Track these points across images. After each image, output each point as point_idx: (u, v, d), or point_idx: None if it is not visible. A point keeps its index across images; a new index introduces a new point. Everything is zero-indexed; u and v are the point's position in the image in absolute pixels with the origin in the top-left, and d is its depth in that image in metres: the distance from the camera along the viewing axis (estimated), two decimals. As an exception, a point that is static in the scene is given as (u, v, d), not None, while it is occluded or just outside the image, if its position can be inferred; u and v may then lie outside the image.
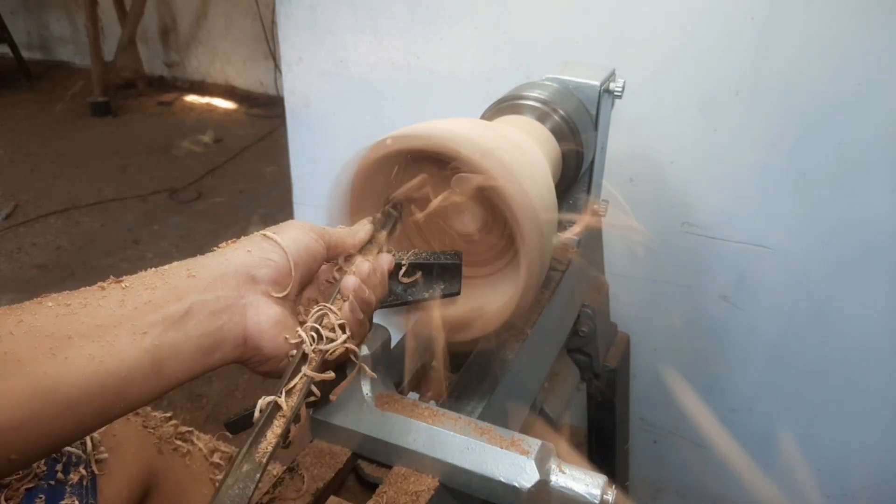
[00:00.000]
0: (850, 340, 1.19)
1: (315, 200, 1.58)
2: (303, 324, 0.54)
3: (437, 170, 0.65)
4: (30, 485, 0.73)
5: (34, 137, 3.74)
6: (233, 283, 0.49)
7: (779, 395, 1.30)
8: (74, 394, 0.40)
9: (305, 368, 0.51)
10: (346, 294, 0.54)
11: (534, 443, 0.56)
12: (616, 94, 0.90)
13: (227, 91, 4.43)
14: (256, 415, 0.48)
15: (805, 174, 1.11)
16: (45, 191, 3.16)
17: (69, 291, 0.45)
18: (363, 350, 0.59)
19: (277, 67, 4.09)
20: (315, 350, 0.51)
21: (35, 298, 0.43)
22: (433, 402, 0.65)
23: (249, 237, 0.54)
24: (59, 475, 0.76)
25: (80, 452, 0.79)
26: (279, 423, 0.48)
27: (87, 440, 0.81)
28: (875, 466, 1.28)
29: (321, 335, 0.52)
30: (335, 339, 0.53)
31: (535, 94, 0.81)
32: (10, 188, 3.17)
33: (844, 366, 1.22)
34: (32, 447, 0.39)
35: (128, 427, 0.91)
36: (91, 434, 0.73)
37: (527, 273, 0.61)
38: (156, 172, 3.35)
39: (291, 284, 0.53)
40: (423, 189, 0.67)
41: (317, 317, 0.53)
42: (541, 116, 0.80)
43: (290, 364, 0.51)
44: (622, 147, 1.17)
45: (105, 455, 0.82)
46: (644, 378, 1.40)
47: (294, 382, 0.50)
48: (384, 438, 0.58)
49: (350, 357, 0.55)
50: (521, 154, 0.63)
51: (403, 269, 0.61)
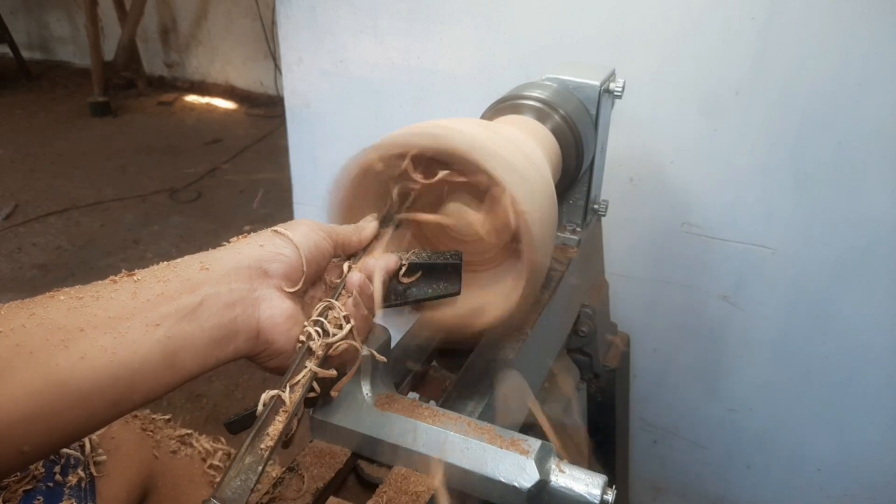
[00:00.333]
0: (850, 340, 1.19)
1: (315, 200, 1.58)
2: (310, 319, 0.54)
3: (437, 170, 0.65)
4: (28, 486, 0.73)
5: (34, 137, 3.74)
6: (245, 276, 0.49)
7: (779, 395, 1.30)
8: (87, 385, 0.40)
9: (310, 363, 0.51)
10: (351, 289, 0.55)
11: (534, 443, 0.56)
12: (616, 94, 0.90)
13: (227, 91, 4.43)
14: (259, 408, 0.49)
15: (805, 174, 1.11)
16: (45, 191, 3.16)
17: (81, 285, 0.44)
18: (364, 350, 0.59)
19: (277, 67, 4.09)
20: (320, 344, 0.52)
21: (47, 293, 0.43)
22: (433, 402, 0.65)
23: (260, 233, 0.54)
24: (58, 477, 0.76)
25: (79, 454, 0.79)
26: (282, 418, 0.49)
27: (86, 442, 0.81)
28: (875, 466, 1.28)
29: (326, 330, 0.53)
30: (339, 333, 0.53)
31: (536, 94, 0.81)
32: (10, 188, 3.17)
33: (844, 366, 1.22)
34: (44, 439, 0.39)
35: (126, 429, 0.91)
36: (97, 431, 0.73)
37: (527, 273, 0.61)
38: (156, 172, 3.35)
39: (303, 279, 0.53)
40: (429, 189, 0.67)
41: (321, 310, 0.54)
42: (541, 116, 0.80)
43: (295, 358, 0.51)
44: (622, 147, 1.17)
45: (103, 457, 0.82)
46: (644, 378, 1.40)
47: (299, 378, 0.51)
48: (384, 438, 0.58)
49: (353, 357, 0.55)
50: (521, 153, 0.63)
51: (403, 269, 0.61)
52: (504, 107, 0.82)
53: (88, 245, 2.74)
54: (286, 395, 0.49)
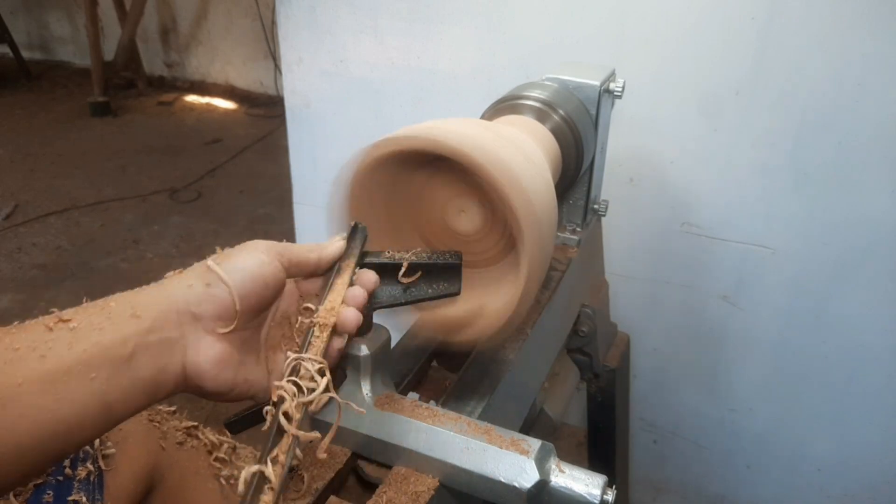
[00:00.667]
0: (850, 340, 1.19)
1: (315, 200, 1.58)
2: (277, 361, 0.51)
3: (438, 169, 0.65)
4: (38, 480, 0.74)
5: (34, 137, 3.74)
6: (174, 322, 0.48)
7: (779, 395, 1.30)
8: (25, 442, 0.41)
9: (290, 427, 0.47)
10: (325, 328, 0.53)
11: (534, 443, 0.56)
12: (616, 94, 0.90)
13: (227, 91, 4.43)
14: (241, 489, 0.44)
15: (805, 174, 1.11)
16: (45, 191, 3.16)
17: (16, 327, 0.44)
18: (363, 350, 0.59)
19: (277, 67, 4.09)
20: (296, 406, 0.48)
21: None
22: (433, 402, 0.65)
23: (194, 267, 0.51)
24: (67, 470, 0.76)
25: (88, 448, 0.79)
26: (269, 497, 0.44)
27: None
28: (875, 466, 1.28)
29: (300, 387, 0.49)
30: (315, 388, 0.49)
31: (535, 94, 0.81)
32: (10, 188, 3.17)
33: (844, 366, 1.22)
34: None
35: (134, 421, 0.91)
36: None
37: (527, 273, 0.61)
38: (156, 172, 3.35)
39: (237, 319, 0.50)
40: (429, 188, 0.67)
41: (291, 369, 0.50)
42: (541, 116, 0.80)
43: (271, 429, 0.47)
44: (622, 147, 1.17)
45: (112, 450, 0.82)
46: (644, 378, 1.40)
47: (278, 450, 0.46)
48: (384, 438, 0.58)
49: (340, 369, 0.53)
50: (521, 154, 0.63)
51: (403, 269, 0.61)
52: (504, 107, 0.82)
53: (88, 245, 2.74)
54: (269, 471, 0.45)
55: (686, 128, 1.16)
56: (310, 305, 0.56)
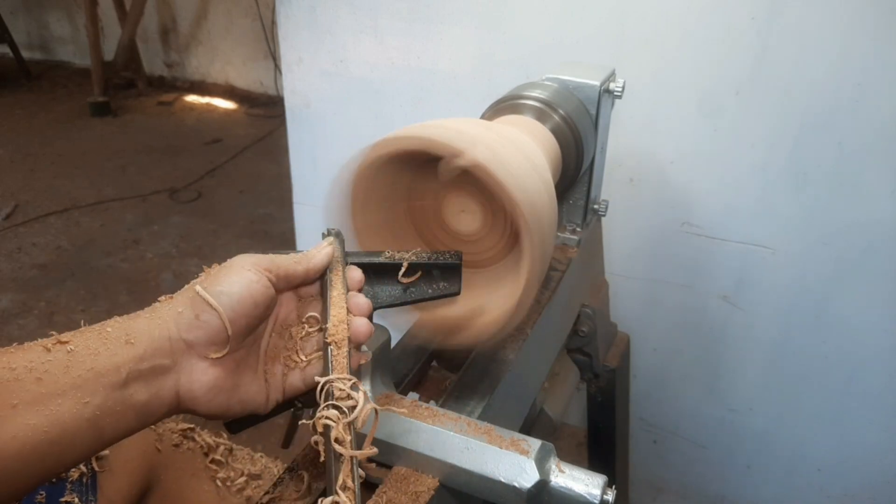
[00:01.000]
0: (850, 341, 1.19)
1: (315, 200, 1.58)
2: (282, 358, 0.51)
3: (437, 169, 0.65)
4: None
5: (34, 137, 3.74)
6: (167, 350, 0.48)
7: (779, 395, 1.30)
8: (15, 464, 0.41)
9: (347, 449, 0.47)
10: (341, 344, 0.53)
11: (534, 443, 0.56)
12: (616, 94, 0.90)
13: (227, 91, 4.43)
14: None
15: (805, 174, 1.11)
16: (45, 191, 3.16)
17: (15, 348, 0.44)
18: (363, 349, 0.59)
19: (277, 67, 4.09)
20: (343, 429, 0.48)
21: None
22: (433, 402, 0.65)
23: (184, 291, 0.51)
24: None
25: None
26: None
27: None
28: (875, 466, 1.28)
29: (341, 409, 0.49)
30: (356, 404, 0.49)
31: (535, 94, 0.81)
32: (10, 188, 3.17)
33: (844, 366, 1.22)
34: None
35: None
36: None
37: (528, 273, 0.61)
38: (156, 172, 3.35)
39: (230, 343, 0.50)
40: (427, 186, 0.67)
41: (325, 391, 0.50)
42: (541, 116, 0.80)
43: (328, 459, 0.47)
44: (622, 147, 1.17)
45: (106, 452, 0.82)
46: (644, 378, 1.40)
47: (343, 476, 0.47)
48: (384, 438, 0.58)
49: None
50: (522, 154, 0.63)
51: (403, 269, 0.61)
52: (504, 107, 0.82)
53: (88, 245, 2.74)
54: (343, 499, 0.46)
55: (686, 128, 1.16)
56: (315, 314, 0.57)
